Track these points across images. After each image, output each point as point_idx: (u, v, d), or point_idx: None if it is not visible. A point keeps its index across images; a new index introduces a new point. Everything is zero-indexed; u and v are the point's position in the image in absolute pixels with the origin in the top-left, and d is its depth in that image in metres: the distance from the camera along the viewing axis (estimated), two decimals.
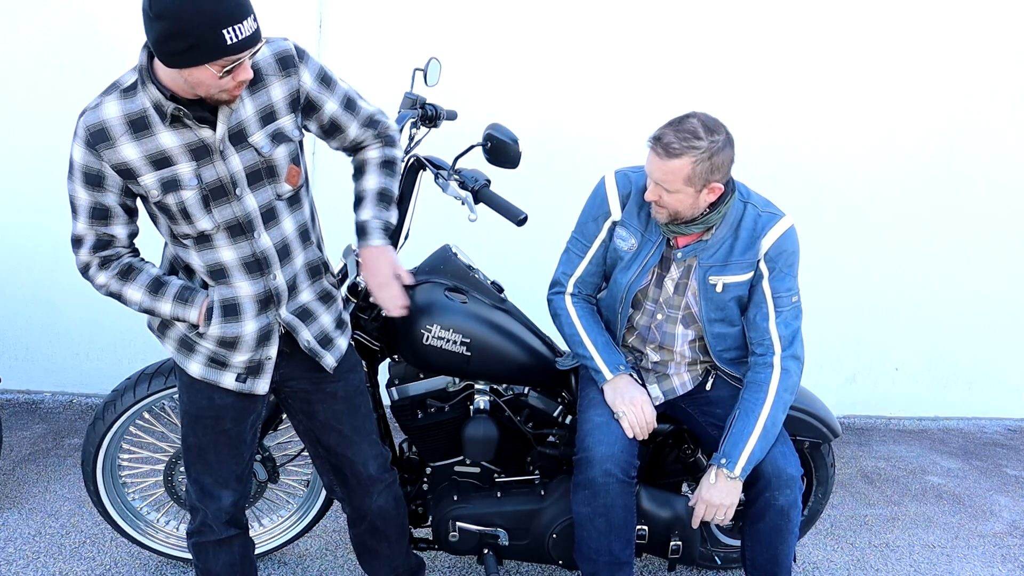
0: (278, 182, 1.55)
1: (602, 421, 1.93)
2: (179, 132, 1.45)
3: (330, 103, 1.61)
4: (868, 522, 2.93)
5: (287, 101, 1.53)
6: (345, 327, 1.79)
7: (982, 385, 4.15)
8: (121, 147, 1.46)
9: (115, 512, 2.21)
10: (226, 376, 1.65)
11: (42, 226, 3.46)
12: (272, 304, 1.62)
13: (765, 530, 1.96)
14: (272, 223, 1.57)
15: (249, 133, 1.49)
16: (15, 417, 3.38)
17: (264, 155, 1.51)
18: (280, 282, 1.61)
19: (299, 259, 1.64)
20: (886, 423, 4.07)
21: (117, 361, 3.59)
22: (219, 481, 1.76)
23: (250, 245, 1.55)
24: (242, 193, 1.51)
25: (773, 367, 1.93)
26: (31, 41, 3.32)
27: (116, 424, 2.12)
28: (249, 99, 1.49)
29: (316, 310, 1.69)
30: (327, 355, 1.72)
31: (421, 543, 2.21)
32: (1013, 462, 3.64)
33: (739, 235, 1.89)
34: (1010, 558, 2.72)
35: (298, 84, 1.53)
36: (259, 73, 1.49)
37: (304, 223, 1.64)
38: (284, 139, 1.53)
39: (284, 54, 1.52)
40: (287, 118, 1.54)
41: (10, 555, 2.33)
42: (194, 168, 1.47)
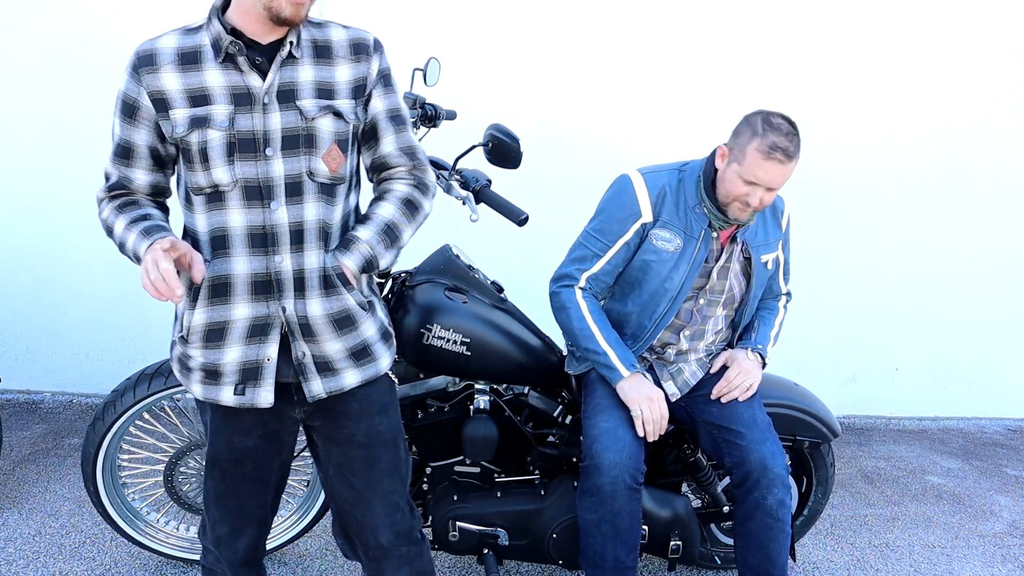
0: (314, 156, 1.41)
1: (609, 427, 1.93)
2: (227, 73, 1.37)
3: (378, 102, 1.49)
4: (868, 522, 2.93)
5: (351, 86, 1.44)
6: (367, 363, 1.53)
7: (982, 385, 4.15)
8: (163, 75, 1.38)
9: (115, 512, 2.21)
10: (224, 390, 1.46)
11: (42, 226, 3.47)
12: (273, 292, 1.43)
13: (756, 530, 1.96)
14: (294, 199, 1.41)
15: (299, 95, 1.39)
16: (15, 417, 3.38)
17: (307, 118, 1.39)
18: (286, 268, 1.42)
19: (313, 257, 1.43)
20: (886, 423, 4.07)
21: (117, 361, 3.59)
22: (236, 528, 1.60)
23: (262, 214, 1.40)
24: (272, 154, 1.39)
25: (779, 301, 2.25)
26: (31, 41, 3.32)
27: (116, 424, 2.11)
28: (312, 66, 1.41)
29: (321, 330, 1.46)
30: (315, 382, 1.48)
31: None
32: (1013, 462, 3.64)
33: (765, 216, 2.09)
34: (1010, 558, 2.72)
35: (367, 72, 1.46)
36: (329, 50, 1.43)
37: (329, 223, 1.45)
38: (336, 114, 1.42)
39: (360, 41, 1.46)
40: (346, 101, 1.44)
41: (10, 555, 2.33)
42: (230, 112, 1.37)
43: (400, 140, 1.52)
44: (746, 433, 1.97)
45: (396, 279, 2.09)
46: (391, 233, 1.50)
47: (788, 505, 1.95)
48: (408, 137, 1.53)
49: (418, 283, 2.03)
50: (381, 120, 1.50)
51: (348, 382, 1.51)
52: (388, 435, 1.59)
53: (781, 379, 2.34)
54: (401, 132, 1.52)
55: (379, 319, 1.56)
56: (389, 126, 1.51)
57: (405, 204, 1.52)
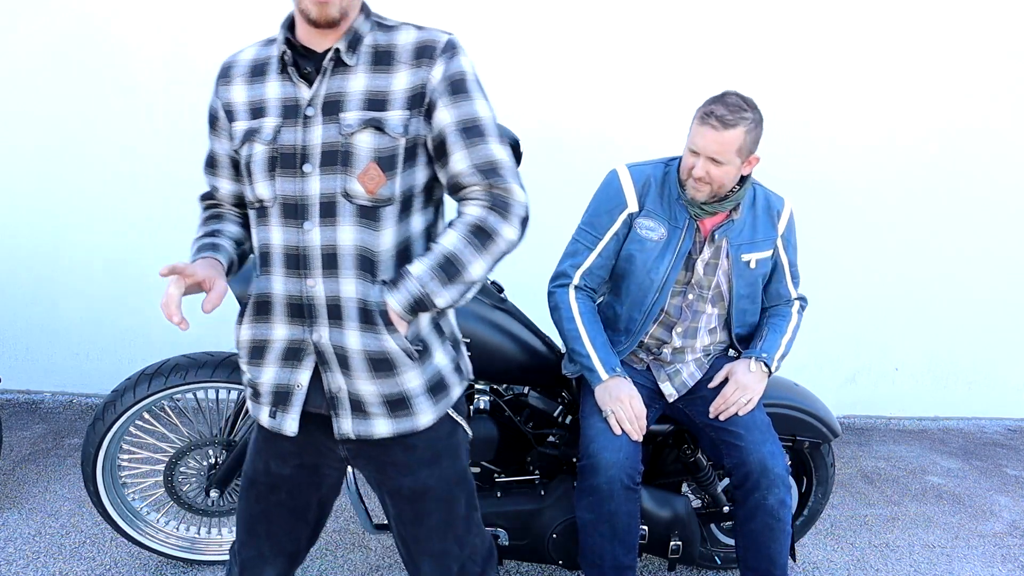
0: (349, 176, 1.27)
1: (606, 427, 1.95)
2: (283, 84, 1.31)
3: (445, 113, 1.28)
4: (868, 522, 2.93)
5: (407, 95, 1.27)
6: (402, 416, 1.35)
7: (982, 385, 4.15)
8: (233, 87, 1.36)
9: (115, 512, 2.21)
10: (263, 410, 1.40)
11: (42, 226, 3.47)
12: (305, 318, 1.33)
13: (757, 530, 1.96)
14: (328, 221, 1.28)
15: (345, 107, 1.27)
16: (15, 417, 3.38)
17: (344, 134, 1.26)
18: (318, 293, 1.30)
19: (350, 286, 1.29)
20: (886, 423, 4.07)
21: (117, 361, 3.59)
22: (263, 555, 1.48)
23: (296, 233, 1.30)
24: (311, 171, 1.28)
25: (792, 307, 2.19)
26: (31, 41, 3.32)
27: (116, 424, 2.11)
28: (366, 74, 1.28)
29: (357, 366, 1.32)
30: (346, 420, 1.35)
31: None
32: (1013, 462, 3.64)
33: (757, 213, 2.05)
34: (1010, 558, 2.72)
35: (426, 78, 1.27)
36: (390, 56, 1.28)
37: (372, 250, 1.29)
38: (377, 129, 1.26)
39: (427, 43, 1.29)
40: (398, 112, 1.27)
41: (10, 555, 2.33)
42: (276, 125, 1.30)
43: (474, 155, 1.29)
44: (745, 434, 1.97)
45: None
46: (451, 267, 1.28)
47: (789, 505, 1.95)
48: (486, 151, 1.30)
49: None
50: (449, 133, 1.29)
51: (378, 431, 1.35)
52: (440, 489, 1.40)
53: (781, 379, 2.34)
54: (476, 146, 1.29)
55: (432, 370, 1.36)
56: (459, 140, 1.29)
57: (473, 232, 1.29)
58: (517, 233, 1.31)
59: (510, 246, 1.31)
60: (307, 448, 1.43)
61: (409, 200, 1.32)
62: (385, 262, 1.31)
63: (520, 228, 1.31)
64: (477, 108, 1.31)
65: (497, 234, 1.30)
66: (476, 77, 1.33)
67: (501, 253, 1.31)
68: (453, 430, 1.42)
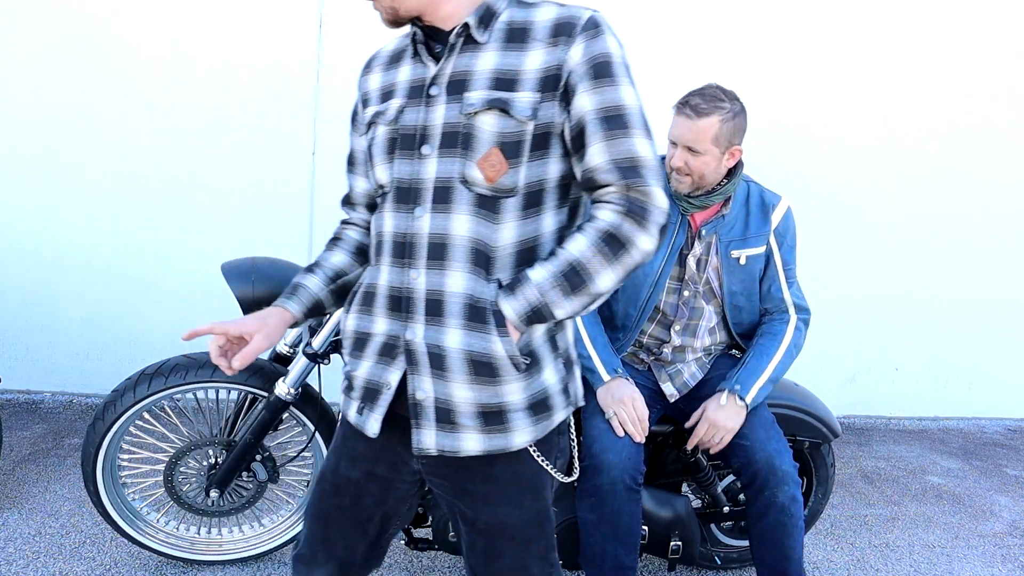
0: (468, 160, 1.16)
1: (608, 428, 1.95)
2: (415, 66, 1.24)
3: (585, 99, 1.14)
4: (868, 522, 2.93)
5: (539, 75, 1.14)
6: (496, 431, 1.21)
7: (982, 385, 4.15)
8: (372, 75, 1.32)
9: (115, 512, 2.21)
10: (352, 405, 1.31)
11: (42, 226, 3.47)
12: (402, 312, 1.22)
13: (769, 528, 1.97)
14: (441, 208, 1.18)
15: (470, 86, 1.17)
16: (15, 417, 3.38)
17: (465, 114, 1.16)
18: (419, 287, 1.20)
19: (458, 280, 1.18)
20: (886, 423, 4.07)
21: (117, 361, 3.59)
22: (316, 556, 1.39)
23: (407, 219, 1.21)
24: (429, 153, 1.19)
25: (788, 323, 2.08)
26: (31, 41, 3.32)
27: (116, 424, 2.11)
28: (497, 52, 1.17)
29: (454, 366, 1.19)
30: (428, 432, 1.22)
31: (421, 543, 2.21)
32: (1013, 462, 3.64)
33: (750, 210, 2.03)
34: (1010, 558, 2.72)
35: (562, 59, 1.14)
36: (525, 33, 1.17)
37: (489, 244, 1.17)
38: (502, 111, 1.14)
39: (566, 20, 1.15)
40: (527, 94, 1.14)
41: (10, 555, 2.33)
42: (401, 105, 1.23)
43: (613, 149, 1.13)
44: (750, 433, 1.96)
45: None
46: (576, 277, 1.14)
47: (800, 500, 1.96)
48: (627, 145, 1.13)
49: None
50: (588, 122, 1.14)
51: (466, 446, 1.21)
52: (516, 530, 1.27)
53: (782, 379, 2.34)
54: (616, 138, 1.13)
55: (538, 386, 1.22)
56: (598, 130, 1.13)
57: (605, 239, 1.13)
58: (654, 243, 1.15)
59: (645, 257, 1.15)
60: (382, 456, 1.33)
61: (537, 195, 1.18)
62: (502, 259, 1.18)
63: (658, 237, 1.15)
64: (623, 95, 1.14)
65: (631, 244, 1.13)
66: (624, 60, 1.16)
67: (634, 264, 1.15)
68: (537, 471, 1.28)
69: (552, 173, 1.18)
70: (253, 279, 1.99)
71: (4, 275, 3.50)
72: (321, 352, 2.03)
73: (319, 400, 2.20)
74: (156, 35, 3.36)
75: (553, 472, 1.29)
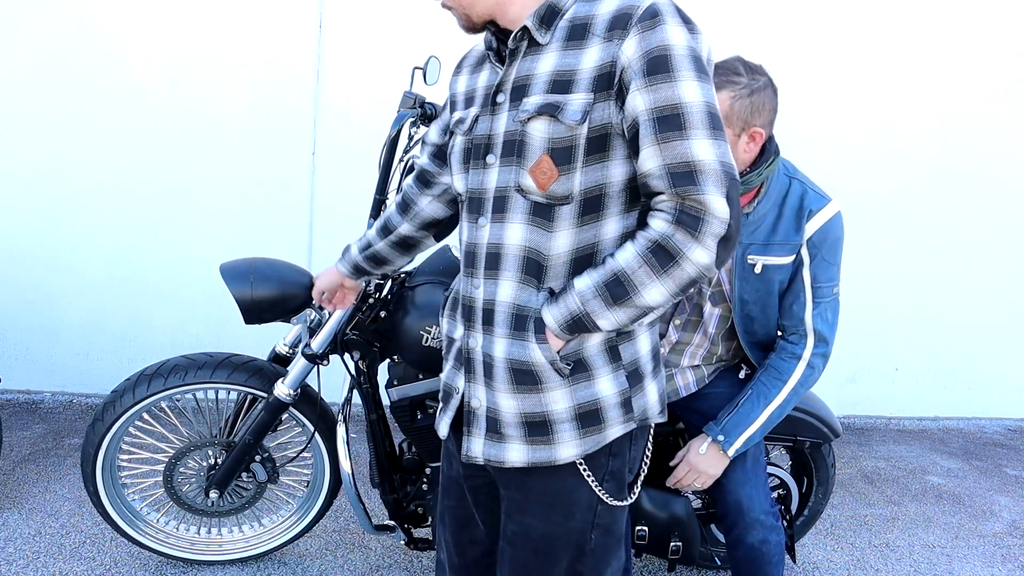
0: (522, 168, 1.11)
1: None
2: (491, 71, 1.20)
3: (638, 98, 1.03)
4: (868, 522, 2.93)
5: (593, 74, 1.06)
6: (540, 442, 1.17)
7: (982, 385, 4.15)
8: (460, 77, 1.29)
9: (115, 512, 2.21)
10: (440, 406, 1.33)
11: (42, 226, 3.47)
12: (468, 320, 1.22)
13: (743, 559, 1.93)
14: (499, 217, 1.15)
15: (530, 91, 1.11)
16: (15, 417, 3.38)
17: (519, 120, 1.11)
18: (478, 295, 1.19)
19: (507, 289, 1.15)
20: (886, 423, 4.07)
21: (117, 361, 3.59)
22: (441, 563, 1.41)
23: (473, 230, 1.19)
24: (493, 162, 1.16)
25: (800, 359, 1.80)
26: (30, 42, 3.32)
27: (116, 425, 2.11)
28: (557, 52, 1.10)
29: (499, 376, 1.17)
30: (477, 440, 1.21)
31: (421, 543, 2.21)
32: (1013, 462, 3.64)
33: (783, 213, 1.74)
34: (1010, 558, 2.72)
35: (615, 54, 1.04)
36: (584, 29, 1.09)
37: (542, 253, 1.13)
38: (552, 115, 1.08)
39: (623, 11, 1.06)
40: (579, 96, 1.07)
41: (10, 555, 2.33)
42: (476, 114, 1.19)
43: (667, 153, 1.03)
44: (729, 471, 1.87)
45: (395, 279, 2.09)
46: (619, 287, 1.07)
47: (772, 541, 1.89)
48: (684, 148, 1.02)
49: (418, 284, 2.03)
50: (641, 124, 1.04)
51: (511, 457, 1.18)
52: (544, 545, 1.22)
53: None
54: (670, 141, 1.02)
55: (587, 395, 1.16)
56: (651, 132, 1.03)
57: (652, 250, 1.05)
58: (711, 256, 1.03)
59: (702, 271, 1.05)
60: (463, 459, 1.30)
61: (597, 200, 1.10)
62: (556, 268, 1.13)
63: (715, 249, 1.03)
64: (682, 91, 1.02)
65: (682, 256, 1.03)
66: (691, 52, 1.03)
67: (688, 279, 1.05)
68: (577, 484, 1.20)
69: (615, 177, 1.10)
70: (252, 280, 1.99)
71: (4, 275, 3.50)
72: (320, 353, 2.03)
73: (318, 401, 2.20)
74: (156, 35, 3.36)
75: (599, 492, 1.20)
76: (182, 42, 3.37)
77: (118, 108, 3.39)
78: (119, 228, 3.49)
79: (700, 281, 1.06)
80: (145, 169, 3.45)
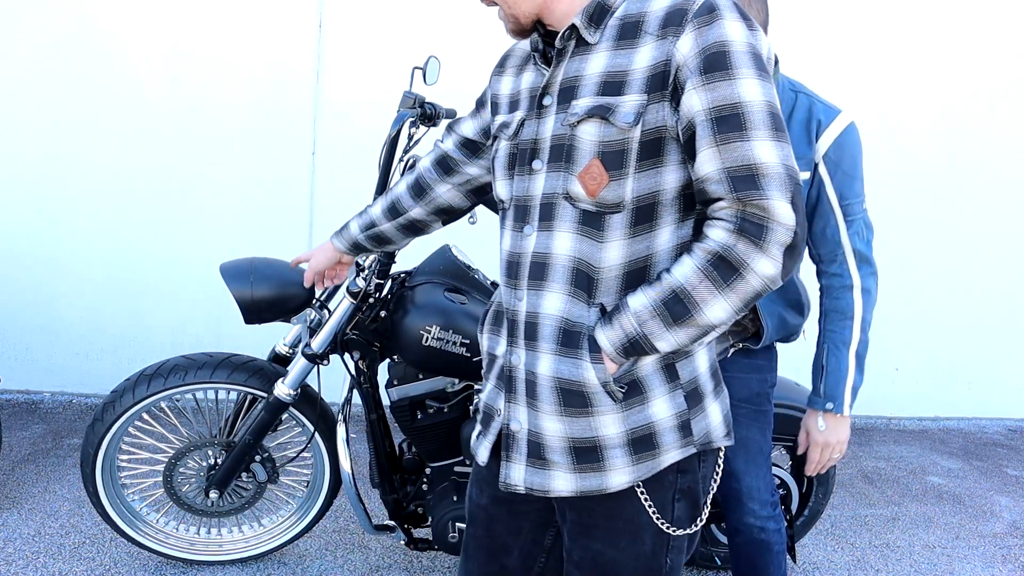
0: (570, 174, 1.05)
1: None
2: (535, 73, 1.15)
3: (694, 97, 0.97)
4: (868, 522, 2.93)
5: (646, 75, 1.00)
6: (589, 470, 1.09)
7: (982, 385, 4.15)
8: (503, 78, 1.24)
9: (114, 513, 2.21)
10: (476, 429, 1.25)
11: (41, 226, 3.46)
12: (511, 335, 1.14)
13: (742, 545, 1.92)
14: (546, 226, 1.08)
15: (579, 93, 1.05)
16: (15, 417, 3.38)
17: (568, 123, 1.05)
18: (521, 308, 1.11)
19: (554, 302, 1.08)
20: (886, 423, 4.07)
21: (117, 361, 3.59)
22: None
23: (518, 238, 1.13)
24: (539, 168, 1.09)
25: (853, 288, 1.68)
26: (30, 42, 3.32)
27: (115, 425, 2.11)
28: (607, 52, 1.04)
29: (544, 395, 1.09)
30: (517, 466, 1.13)
31: (421, 543, 2.21)
32: (1013, 462, 3.64)
33: (791, 127, 1.62)
34: (1010, 558, 2.72)
35: (670, 52, 0.98)
36: (636, 27, 1.02)
37: (593, 265, 1.05)
38: (603, 118, 1.02)
39: (678, 7, 0.99)
40: (632, 98, 1.00)
41: (10, 555, 2.33)
42: (521, 118, 1.14)
43: (725, 155, 0.96)
44: (732, 458, 1.85)
45: (395, 279, 2.09)
46: (679, 305, 0.99)
47: (771, 529, 1.88)
48: (745, 150, 0.95)
49: (417, 284, 2.03)
50: (698, 124, 0.97)
51: (556, 485, 1.10)
52: (609, 570, 1.14)
53: (782, 379, 2.34)
54: (730, 143, 0.95)
55: (641, 419, 1.07)
56: (708, 133, 0.96)
57: (713, 263, 0.97)
58: (777, 267, 0.96)
59: (767, 283, 0.97)
60: None
61: (650, 209, 1.03)
62: (607, 282, 1.05)
63: (782, 259, 0.96)
64: (741, 90, 0.95)
65: (746, 268, 0.95)
66: (751, 48, 0.97)
67: (754, 292, 0.97)
68: (638, 510, 1.12)
69: (669, 183, 1.03)
70: (251, 280, 1.99)
71: (4, 275, 3.49)
72: (320, 353, 2.03)
73: (318, 401, 2.20)
74: (156, 35, 3.36)
75: (657, 520, 1.12)
76: (182, 42, 3.37)
77: (118, 108, 3.39)
78: (119, 228, 3.49)
79: (764, 294, 0.98)
80: (145, 169, 3.45)
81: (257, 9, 3.38)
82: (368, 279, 1.99)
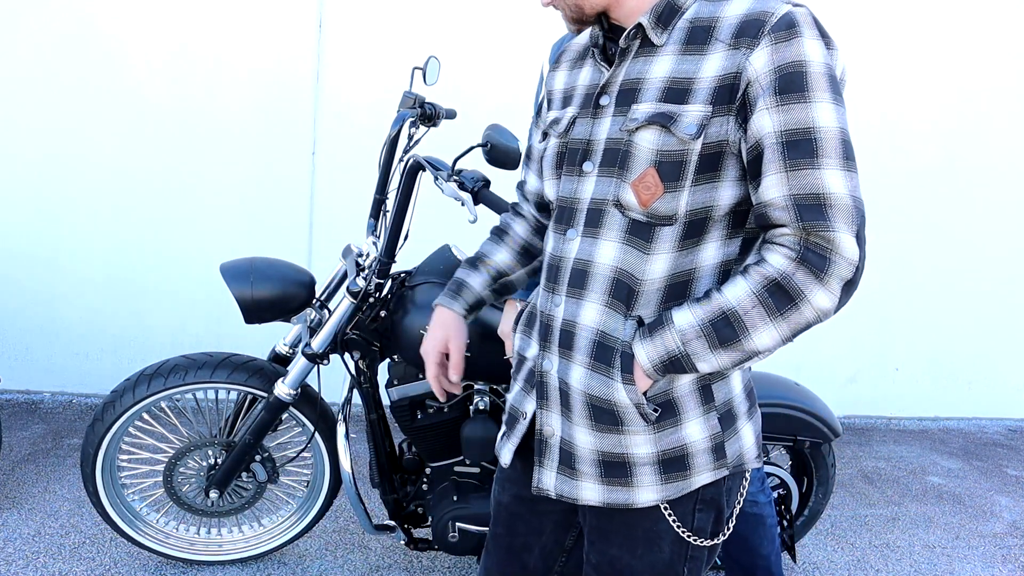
0: (623, 181, 1.01)
1: None
2: (593, 69, 1.11)
3: (765, 118, 0.93)
4: (868, 522, 2.93)
5: (713, 84, 0.95)
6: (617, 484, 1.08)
7: (982, 385, 4.15)
8: (558, 73, 1.20)
9: (114, 513, 2.21)
10: (502, 430, 1.24)
11: (42, 227, 3.46)
12: (544, 339, 1.12)
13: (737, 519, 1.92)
14: (591, 232, 1.05)
15: (640, 97, 1.01)
16: (15, 417, 3.38)
17: (625, 129, 1.00)
18: (558, 314, 1.09)
19: (591, 312, 1.05)
20: (886, 423, 4.07)
21: (117, 361, 3.59)
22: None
23: (560, 241, 1.10)
24: (590, 170, 1.06)
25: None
26: (30, 42, 3.32)
27: (115, 425, 2.11)
28: (674, 56, 0.99)
29: (577, 407, 1.07)
30: (548, 473, 1.12)
31: (421, 543, 2.21)
32: (1013, 462, 3.64)
33: None
34: (1010, 558, 2.72)
35: (742, 64, 0.94)
36: (706, 33, 0.98)
37: (636, 277, 1.02)
38: (664, 126, 0.97)
39: (755, 16, 0.94)
40: (697, 108, 0.96)
41: (10, 555, 2.33)
42: (573, 116, 1.10)
43: (793, 182, 0.92)
44: None
45: (395, 279, 2.09)
46: (727, 328, 0.96)
47: (762, 502, 1.89)
48: (813, 178, 0.91)
49: (418, 283, 2.03)
50: (767, 147, 0.93)
51: (584, 495, 1.09)
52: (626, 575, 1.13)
53: (781, 379, 2.34)
54: (800, 169, 0.92)
55: (674, 440, 1.05)
56: (777, 158, 0.92)
57: (770, 289, 0.94)
58: (833, 301, 0.93)
59: (820, 316, 0.94)
60: (525, 479, 1.22)
61: (701, 224, 1.00)
62: (648, 295, 1.02)
63: (840, 294, 0.93)
64: (816, 114, 0.91)
65: (803, 299, 0.93)
66: (828, 70, 0.93)
67: (805, 324, 0.95)
68: (658, 519, 1.10)
69: (723, 199, 0.99)
70: (252, 280, 1.99)
71: (4, 275, 3.49)
72: (320, 353, 2.03)
73: (318, 401, 2.20)
74: (156, 35, 3.36)
75: (677, 528, 1.10)
76: (182, 42, 3.37)
77: (118, 108, 3.39)
78: (119, 228, 3.49)
79: (813, 326, 0.98)
80: (145, 169, 3.45)
81: (257, 9, 3.38)
82: (368, 279, 1.99)
